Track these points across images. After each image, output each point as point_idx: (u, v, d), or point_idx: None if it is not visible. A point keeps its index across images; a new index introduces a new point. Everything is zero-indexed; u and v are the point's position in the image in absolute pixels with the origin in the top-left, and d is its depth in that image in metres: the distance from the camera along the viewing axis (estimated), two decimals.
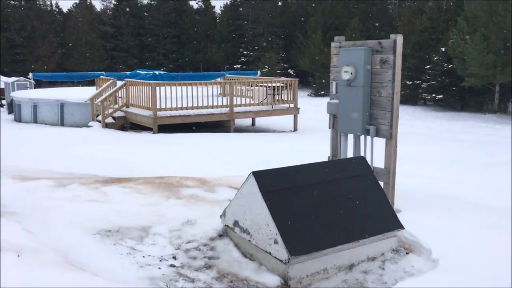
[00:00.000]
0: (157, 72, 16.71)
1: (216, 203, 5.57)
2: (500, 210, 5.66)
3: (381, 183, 5.27)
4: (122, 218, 4.88)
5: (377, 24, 37.98)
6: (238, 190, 4.70)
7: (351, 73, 5.35)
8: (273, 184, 4.01)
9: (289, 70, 38.68)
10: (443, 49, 25.96)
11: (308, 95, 34.45)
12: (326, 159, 6.33)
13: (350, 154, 5.89)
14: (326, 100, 21.99)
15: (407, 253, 4.36)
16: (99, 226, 4.63)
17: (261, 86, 14.98)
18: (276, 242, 3.75)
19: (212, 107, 13.57)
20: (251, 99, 15.14)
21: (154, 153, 9.24)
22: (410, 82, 27.61)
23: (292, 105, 15.11)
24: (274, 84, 14.85)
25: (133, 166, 7.78)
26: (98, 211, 5.04)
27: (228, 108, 13.85)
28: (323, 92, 32.67)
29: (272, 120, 16.69)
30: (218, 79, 17.80)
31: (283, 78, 15.37)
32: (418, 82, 27.27)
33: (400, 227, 4.27)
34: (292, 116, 15.31)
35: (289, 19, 40.87)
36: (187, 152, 9.27)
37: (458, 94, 25.20)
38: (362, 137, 5.62)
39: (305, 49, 35.78)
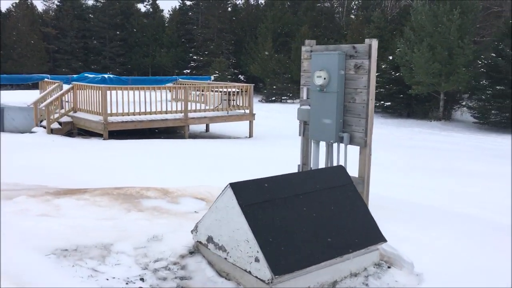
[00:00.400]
0: (106, 76, 15.99)
1: (182, 215, 5.19)
2: (472, 218, 5.62)
3: None
4: (79, 235, 4.41)
5: (326, 32, 38.49)
6: (212, 202, 4.32)
7: (325, 78, 5.14)
8: (253, 197, 3.70)
9: (240, 76, 38.47)
10: (390, 57, 26.58)
11: (259, 101, 34.35)
12: (296, 168, 6.10)
13: (321, 162, 5.67)
14: (277, 106, 22.19)
15: (388, 267, 4.16)
16: (53, 244, 4.14)
17: (215, 91, 14.62)
18: (257, 260, 3.44)
19: (166, 112, 13.09)
20: (205, 105, 14.75)
21: (107, 161, 8.68)
22: None
23: (247, 111, 14.86)
24: (229, 90, 14.54)
25: (86, 176, 7.23)
26: (51, 227, 4.54)
27: (183, 114, 13.40)
28: (273, 98, 32.68)
29: (226, 126, 16.37)
30: (170, 84, 17.28)
31: (238, 84, 15.09)
32: None
33: (383, 240, 4.07)
34: (247, 122, 15.04)
35: (239, 25, 40.74)
36: (143, 160, 8.78)
37: (405, 101, 25.85)
38: (335, 145, 5.41)
39: (255, 55, 35.71)
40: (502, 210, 6.54)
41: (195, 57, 39.20)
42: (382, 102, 26.01)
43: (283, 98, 32.82)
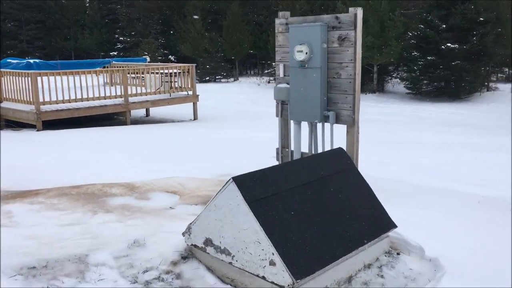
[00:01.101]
0: (31, 61, 14.61)
1: (157, 213, 4.63)
2: (457, 193, 5.49)
3: None
4: (45, 247, 3.76)
5: (255, 8, 37.96)
6: (186, 196, 3.83)
7: (306, 53, 4.71)
8: (259, 191, 3.23)
9: (170, 57, 37.16)
10: None
11: None
12: (265, 151, 5.69)
13: (304, 144, 5.28)
14: (213, 86, 21.58)
15: (398, 254, 3.87)
16: (16, 262, 3.49)
17: (155, 73, 13.80)
18: (272, 263, 3.00)
19: (105, 98, 12.14)
20: (145, 88, 13.90)
21: (49, 155, 7.80)
22: None
23: (190, 93, 14.19)
24: (170, 71, 13.77)
25: (30, 174, 6.39)
26: (8, 240, 3.85)
27: (123, 99, 12.51)
28: (207, 78, 31.90)
29: (168, 109, 15.60)
30: (98, 68, 16.12)
31: (179, 64, 14.32)
32: None
33: (393, 226, 3.76)
34: (190, 104, 14.38)
35: (166, 3, 39.20)
36: (90, 152, 7.98)
37: None
38: (319, 124, 5.03)
39: (185, 34, 34.57)
40: (477, 181, 6.51)
41: (122, 38, 37.34)
42: None
43: (217, 77, 32.12)
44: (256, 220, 3.06)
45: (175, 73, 13.93)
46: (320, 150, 5.08)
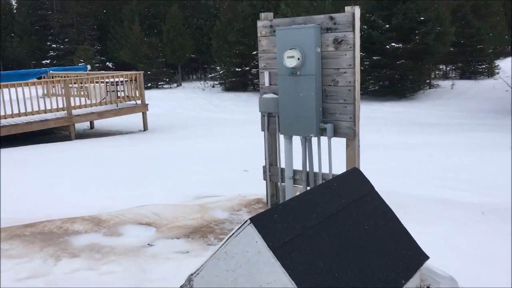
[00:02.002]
0: None
1: (135, 253, 3.89)
2: (465, 204, 5.10)
3: None
4: None
5: (194, 12, 37.17)
6: (164, 227, 3.16)
7: (298, 59, 4.14)
8: (282, 232, 2.61)
9: (108, 63, 35.63)
10: None
11: None
12: (245, 164, 5.08)
13: (296, 161, 4.70)
14: (156, 93, 20.52)
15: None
16: None
17: (100, 82, 12.78)
18: None
19: (45, 111, 11.03)
20: (88, 99, 12.84)
21: None
22: (239, 69, 27.49)
23: (139, 102, 13.28)
24: (116, 79, 12.80)
25: None
26: None
27: (66, 112, 11.44)
28: (149, 84, 30.73)
29: (114, 120, 14.57)
30: (31, 80, 14.81)
31: (125, 72, 13.37)
32: (247, 68, 27.29)
33: (426, 257, 3.25)
34: (140, 114, 13.48)
35: (101, 8, 37.55)
36: (36, 176, 7.01)
37: None
38: (314, 139, 4.46)
39: (123, 40, 33.22)
40: (465, 186, 6.20)
41: (54, 46, 35.33)
42: None
43: (159, 83, 31.05)
44: (285, 271, 2.44)
45: (121, 81, 12.97)
46: (316, 167, 4.52)
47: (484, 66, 27.33)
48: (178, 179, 6.61)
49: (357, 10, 4.04)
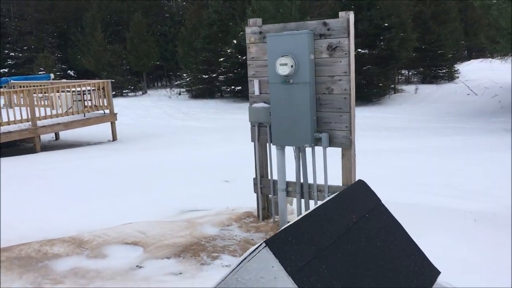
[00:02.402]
0: None
1: (124, 277, 3.62)
2: (456, 211, 5.04)
3: None
4: None
5: (158, 19, 36.70)
6: (152, 246, 2.96)
7: (292, 66, 3.97)
8: (298, 255, 2.42)
9: (69, 71, 34.65)
10: (234, 41, 26.15)
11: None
12: (225, 174, 4.89)
13: (289, 172, 4.52)
14: (121, 101, 19.93)
15: None
16: None
17: (65, 91, 12.29)
18: None
19: (8, 123, 10.50)
20: (53, 109, 12.31)
21: None
22: (206, 76, 27.22)
23: (107, 111, 12.85)
24: (82, 88, 12.34)
25: None
26: None
27: (30, 123, 10.92)
28: (114, 92, 29.96)
29: (81, 130, 14.04)
30: None
31: (92, 81, 12.91)
32: (214, 75, 27.05)
33: (438, 272, 3.12)
34: (108, 124, 13.04)
35: (61, 15, 36.55)
36: (4, 193, 6.58)
37: None
38: (308, 149, 4.30)
39: (85, 47, 32.41)
40: (452, 192, 6.17)
41: (12, 54, 34.10)
42: (232, 87, 25.54)
43: (124, 91, 30.40)
44: None
45: (88, 90, 12.52)
46: (310, 179, 4.35)
47: (444, 70, 27.98)
48: (158, 192, 6.33)
49: (351, 16, 3.92)
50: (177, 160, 9.01)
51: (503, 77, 26.85)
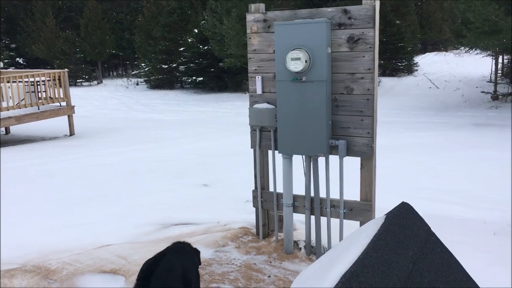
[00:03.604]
0: None
1: None
2: (472, 222, 4.57)
3: (357, 222, 3.52)
4: None
5: (113, 6, 35.10)
6: (134, 275, 2.32)
7: (306, 61, 3.34)
8: None
9: (18, 59, 32.65)
10: (196, 30, 25.23)
11: None
12: (251, 194, 4.23)
13: (298, 185, 3.89)
14: (75, 91, 18.56)
15: None
16: None
17: (16, 82, 11.16)
18: None
19: None
20: (2, 101, 11.16)
21: None
22: (165, 66, 26.19)
23: (64, 104, 11.81)
24: (36, 79, 11.25)
25: None
26: None
27: None
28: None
29: (34, 124, 12.91)
30: None
31: (47, 71, 11.80)
32: (174, 65, 26.05)
33: None
34: (65, 118, 12.01)
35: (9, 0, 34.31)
36: None
37: (217, 75, 24.92)
38: (321, 158, 3.68)
39: (35, 34, 30.57)
40: (455, 199, 5.73)
41: None
42: (194, 77, 24.67)
43: (78, 81, 28.86)
44: None
45: (42, 81, 11.43)
46: (323, 193, 3.75)
47: (404, 63, 28.07)
48: (130, 200, 5.57)
49: (377, 3, 3.31)
50: (145, 159, 8.22)
51: (459, 70, 27.24)
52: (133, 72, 31.79)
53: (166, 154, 8.75)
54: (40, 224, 4.72)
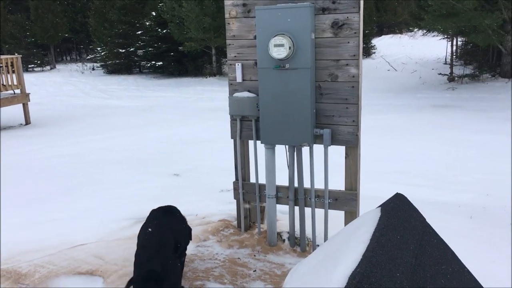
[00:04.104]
0: None
1: None
2: (446, 205, 4.60)
3: (342, 212, 3.47)
4: None
5: None
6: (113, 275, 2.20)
7: (290, 48, 3.21)
8: None
9: None
10: (153, 13, 24.57)
11: None
12: (224, 183, 4.10)
13: (280, 175, 3.78)
14: (26, 77, 17.80)
15: None
16: None
17: None
18: None
19: None
20: None
21: None
22: (123, 50, 25.43)
23: (18, 91, 11.24)
24: None
25: None
26: None
27: None
28: None
29: None
30: None
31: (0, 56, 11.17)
32: (132, 49, 25.32)
33: None
34: (20, 106, 11.45)
35: None
36: None
37: (176, 59, 24.42)
38: (305, 148, 3.58)
39: None
40: (425, 181, 5.79)
41: None
42: (153, 62, 24.09)
43: (29, 66, 27.68)
44: None
45: None
46: (307, 183, 3.66)
47: (362, 46, 28.38)
48: (100, 193, 5.33)
49: None
50: (109, 149, 7.92)
51: (414, 52, 27.81)
52: (88, 57, 30.77)
53: (131, 143, 8.47)
54: (3, 222, 4.44)
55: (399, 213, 2.49)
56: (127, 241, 3.80)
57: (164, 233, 2.94)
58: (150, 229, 2.98)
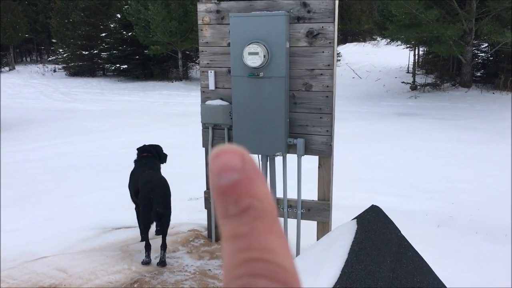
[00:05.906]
0: None
1: None
2: (411, 213, 4.64)
3: (314, 222, 3.45)
4: None
5: None
6: None
7: (264, 56, 3.17)
8: None
9: None
10: (118, 15, 24.17)
11: None
12: (194, 191, 4.00)
13: None
14: None
15: None
16: None
17: None
18: None
19: None
20: None
21: None
22: (86, 52, 24.90)
23: None
24: None
25: None
26: None
27: None
28: None
29: None
30: None
31: None
32: (95, 51, 24.83)
33: None
34: None
35: None
36: None
37: (142, 63, 24.07)
38: (278, 158, 3.54)
39: None
40: (390, 190, 5.84)
41: None
42: (117, 65, 23.67)
43: None
44: None
45: None
46: (279, 192, 3.61)
47: None
48: (63, 201, 5.14)
49: None
50: (74, 154, 7.68)
51: (377, 60, 28.37)
52: (50, 58, 29.97)
53: (96, 148, 8.24)
54: None
55: (375, 225, 2.48)
56: (92, 253, 3.65)
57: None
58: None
